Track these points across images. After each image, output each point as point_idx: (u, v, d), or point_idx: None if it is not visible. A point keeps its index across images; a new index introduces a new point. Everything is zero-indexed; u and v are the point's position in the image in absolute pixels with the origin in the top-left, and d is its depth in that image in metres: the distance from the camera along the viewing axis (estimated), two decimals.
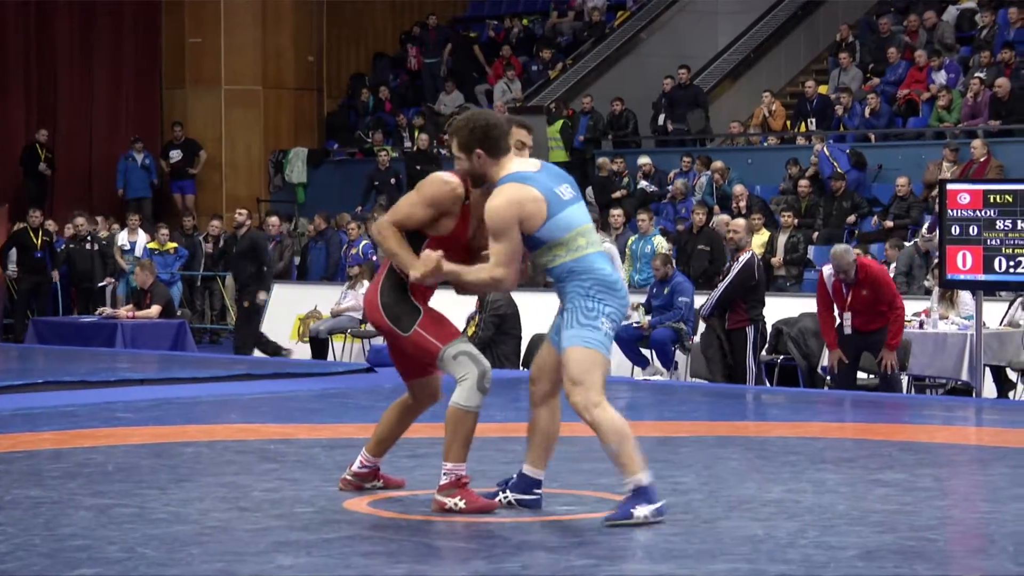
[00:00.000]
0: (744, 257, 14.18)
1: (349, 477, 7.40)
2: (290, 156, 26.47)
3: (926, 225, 17.01)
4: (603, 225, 18.47)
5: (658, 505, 6.51)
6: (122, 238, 21.98)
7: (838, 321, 13.20)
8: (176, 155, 25.85)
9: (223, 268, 19.46)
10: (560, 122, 23.69)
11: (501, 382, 13.31)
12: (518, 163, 6.74)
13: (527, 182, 6.61)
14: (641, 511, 6.46)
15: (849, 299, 13.07)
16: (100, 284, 21.06)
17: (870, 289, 12.99)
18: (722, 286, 14.28)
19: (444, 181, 6.82)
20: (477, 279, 6.69)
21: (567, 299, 6.64)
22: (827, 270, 13.24)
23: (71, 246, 21.21)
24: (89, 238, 21.22)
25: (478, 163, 6.69)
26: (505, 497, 6.93)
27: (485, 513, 6.74)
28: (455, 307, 10.82)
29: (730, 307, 14.07)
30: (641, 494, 6.49)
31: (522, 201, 6.56)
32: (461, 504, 6.76)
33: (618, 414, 6.59)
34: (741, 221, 15.11)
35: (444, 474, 6.81)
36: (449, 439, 6.78)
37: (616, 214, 18.42)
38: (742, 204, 19.65)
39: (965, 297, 14.42)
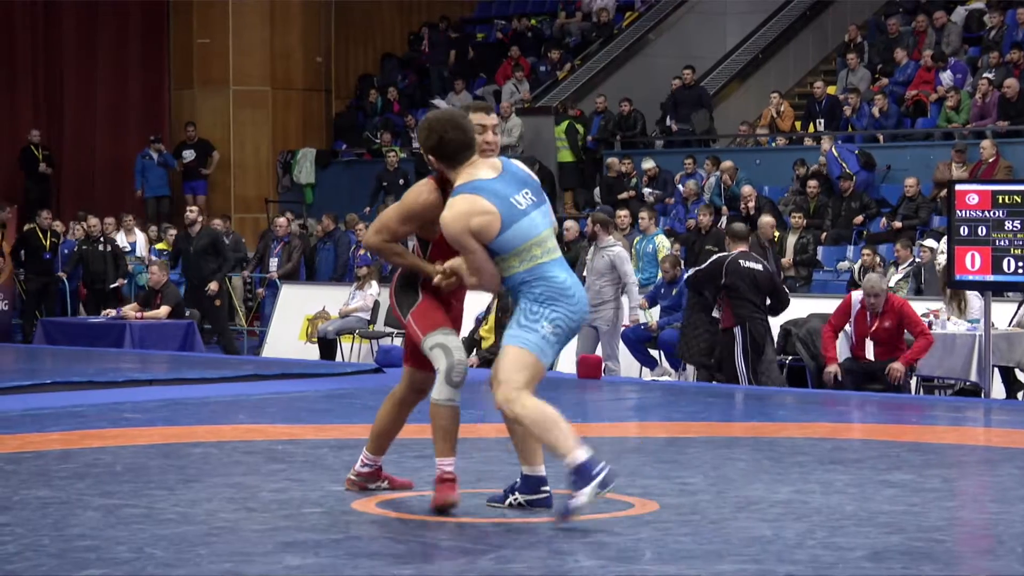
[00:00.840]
0: (720, 252, 14.28)
1: (353, 477, 7.44)
2: (298, 157, 26.48)
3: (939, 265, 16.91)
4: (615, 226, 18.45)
5: (599, 479, 6.33)
6: (120, 239, 21.94)
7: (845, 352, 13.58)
8: (189, 155, 25.81)
9: (180, 267, 19.80)
10: (566, 122, 23.69)
11: None
12: (478, 168, 6.67)
13: (480, 193, 6.56)
14: (581, 498, 6.33)
15: (873, 328, 13.28)
16: (112, 285, 21.06)
17: (893, 320, 13.28)
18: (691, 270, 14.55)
19: (417, 192, 6.90)
20: (467, 283, 6.78)
21: (517, 304, 6.67)
22: (857, 295, 13.50)
23: (84, 247, 21.19)
24: (102, 239, 21.22)
25: (435, 164, 6.75)
26: (515, 499, 6.93)
27: (443, 512, 6.76)
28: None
29: (715, 303, 14.11)
30: (579, 473, 6.37)
31: (470, 213, 6.52)
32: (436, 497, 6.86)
33: (540, 401, 6.51)
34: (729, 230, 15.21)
35: (437, 469, 6.91)
36: (432, 435, 6.88)
37: (623, 215, 18.39)
38: (751, 205, 19.63)
39: (974, 300, 14.42)
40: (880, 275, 13.59)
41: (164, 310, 18.02)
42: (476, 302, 14.48)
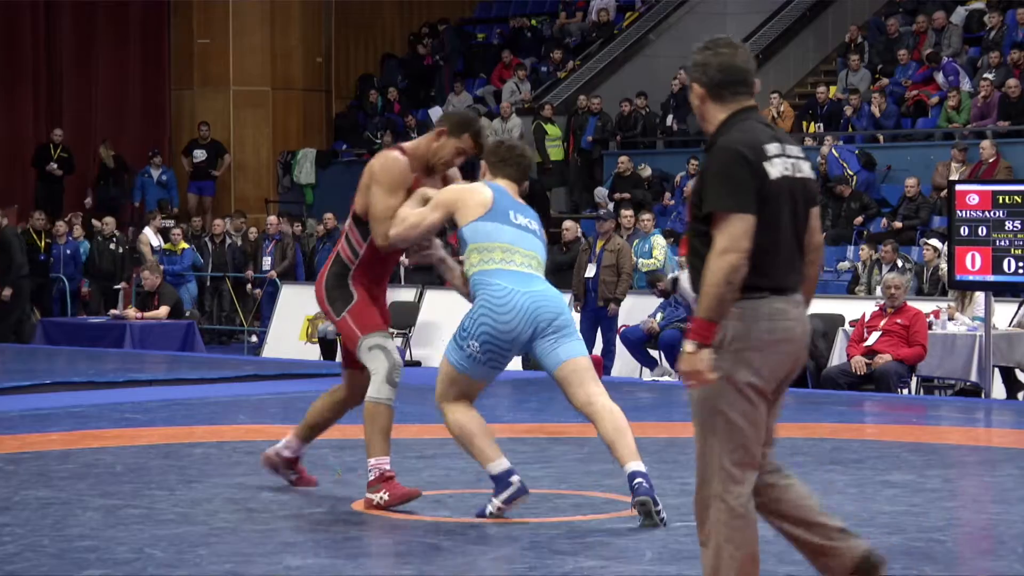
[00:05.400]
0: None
1: (271, 453, 7.46)
2: (299, 157, 26.45)
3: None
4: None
5: (507, 493, 6.59)
6: (151, 238, 21.79)
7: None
8: (200, 155, 25.68)
9: None
10: (534, 123, 23.82)
11: (508, 383, 13.32)
12: (502, 183, 6.87)
13: (488, 187, 6.79)
14: (491, 505, 6.64)
15: (884, 321, 13.46)
16: (116, 287, 21.03)
17: (906, 321, 13.42)
18: None
19: (394, 158, 6.90)
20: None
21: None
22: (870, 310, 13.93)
23: (99, 247, 21.13)
24: (115, 239, 21.19)
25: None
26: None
27: (407, 502, 6.80)
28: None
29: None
30: (495, 483, 6.64)
31: (471, 191, 6.77)
32: (385, 497, 6.82)
33: (466, 414, 6.65)
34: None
35: (369, 471, 6.88)
36: (368, 434, 6.88)
37: (627, 215, 18.36)
38: None
39: (979, 298, 14.44)
40: (899, 274, 13.87)
41: (164, 310, 18.02)
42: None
